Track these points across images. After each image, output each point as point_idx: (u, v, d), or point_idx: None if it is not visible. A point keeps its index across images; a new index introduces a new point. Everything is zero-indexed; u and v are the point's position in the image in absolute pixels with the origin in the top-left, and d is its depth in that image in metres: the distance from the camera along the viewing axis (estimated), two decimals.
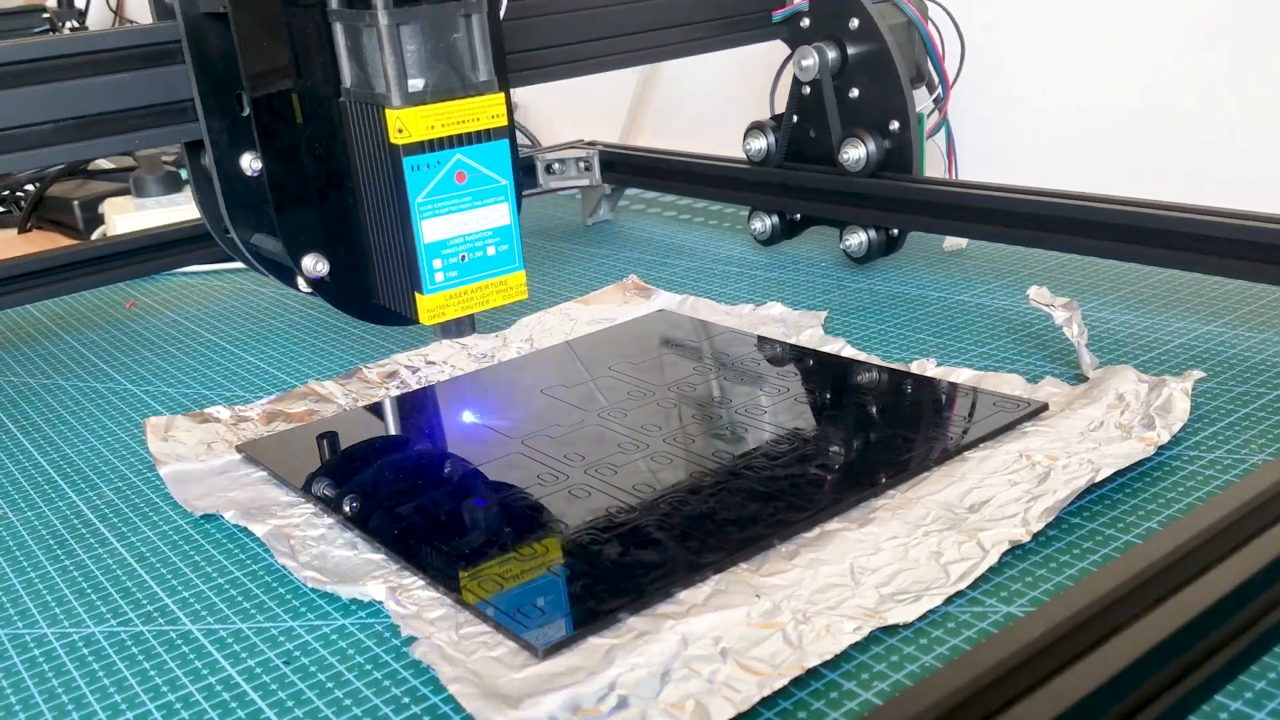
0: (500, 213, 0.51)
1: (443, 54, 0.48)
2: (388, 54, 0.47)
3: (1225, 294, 0.65)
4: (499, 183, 0.50)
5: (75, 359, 0.73)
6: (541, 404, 0.57)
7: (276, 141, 0.51)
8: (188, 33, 0.52)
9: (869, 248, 0.75)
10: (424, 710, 0.36)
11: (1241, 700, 0.33)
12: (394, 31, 0.47)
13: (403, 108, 0.47)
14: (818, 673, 0.36)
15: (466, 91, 0.49)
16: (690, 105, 1.15)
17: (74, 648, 0.41)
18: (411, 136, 0.47)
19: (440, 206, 0.49)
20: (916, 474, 0.46)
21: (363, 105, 0.49)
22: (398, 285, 0.51)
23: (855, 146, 0.73)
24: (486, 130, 0.49)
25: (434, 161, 0.48)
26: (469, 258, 0.50)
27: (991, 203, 0.68)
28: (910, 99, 0.72)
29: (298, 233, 0.52)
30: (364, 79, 0.49)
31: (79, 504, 0.53)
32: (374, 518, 0.46)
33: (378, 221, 0.51)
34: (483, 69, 0.49)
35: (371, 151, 0.49)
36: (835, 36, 0.74)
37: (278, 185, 0.52)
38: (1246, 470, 0.46)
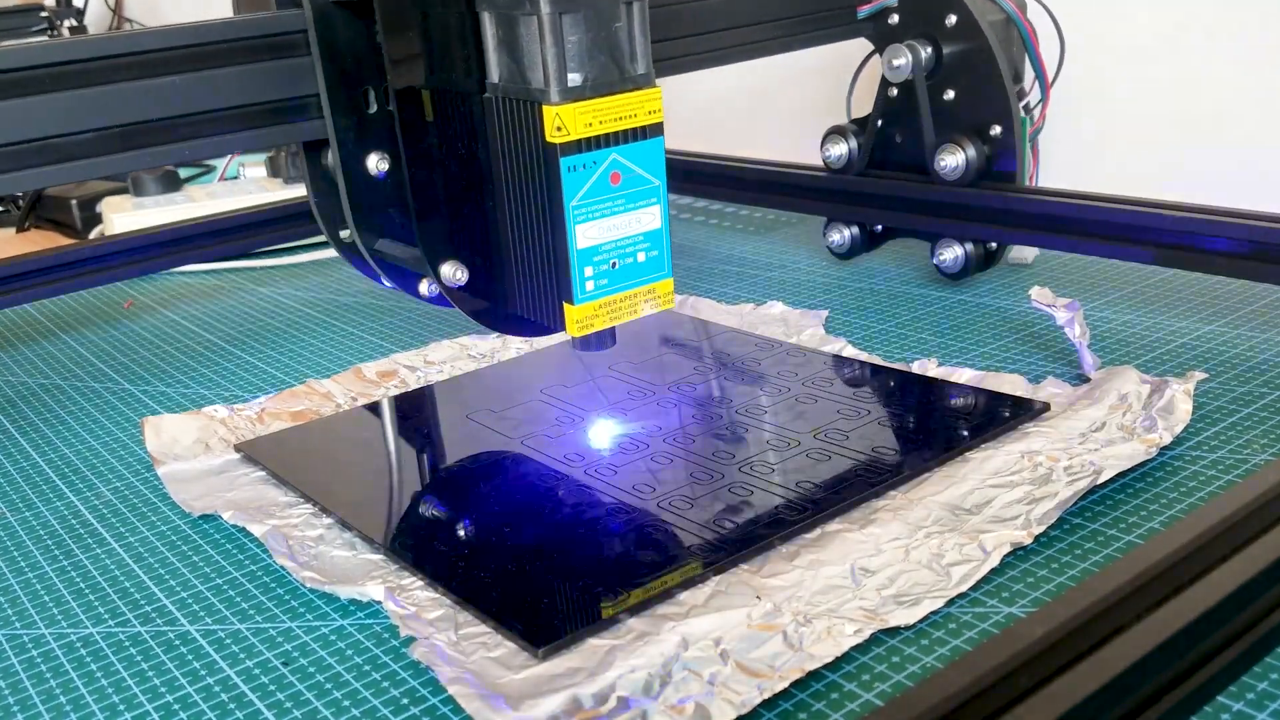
0: (653, 215, 0.47)
1: (604, 45, 0.44)
2: (549, 45, 0.43)
3: (1227, 294, 0.65)
4: (653, 184, 0.47)
5: (74, 359, 0.73)
6: (541, 404, 0.56)
7: (418, 141, 0.48)
8: (315, 22, 0.48)
9: (966, 262, 0.70)
10: (423, 711, 0.36)
11: (1244, 701, 0.33)
12: (556, 20, 0.43)
13: (562, 104, 0.43)
14: (819, 674, 0.36)
15: (625, 85, 0.45)
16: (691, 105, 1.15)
17: (72, 649, 0.41)
18: (570, 135, 0.43)
19: (594, 210, 0.45)
20: (918, 475, 0.46)
21: (513, 101, 0.45)
22: (542, 294, 0.47)
23: (952, 153, 0.67)
24: (644, 127, 0.46)
25: (590, 161, 0.44)
26: (619, 264, 0.46)
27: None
28: (1014, 100, 0.67)
29: (437, 239, 0.49)
30: (517, 72, 0.45)
31: (77, 504, 0.52)
32: (372, 518, 0.46)
33: (521, 227, 0.47)
34: (641, 61, 0.45)
35: (520, 151, 0.46)
36: (929, 33, 0.69)
37: (419, 188, 0.48)
38: (1248, 470, 0.46)
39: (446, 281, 0.49)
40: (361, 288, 0.82)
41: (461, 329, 0.70)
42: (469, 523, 0.45)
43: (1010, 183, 0.68)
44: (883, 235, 0.76)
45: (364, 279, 0.58)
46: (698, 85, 1.12)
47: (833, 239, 0.77)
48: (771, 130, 1.06)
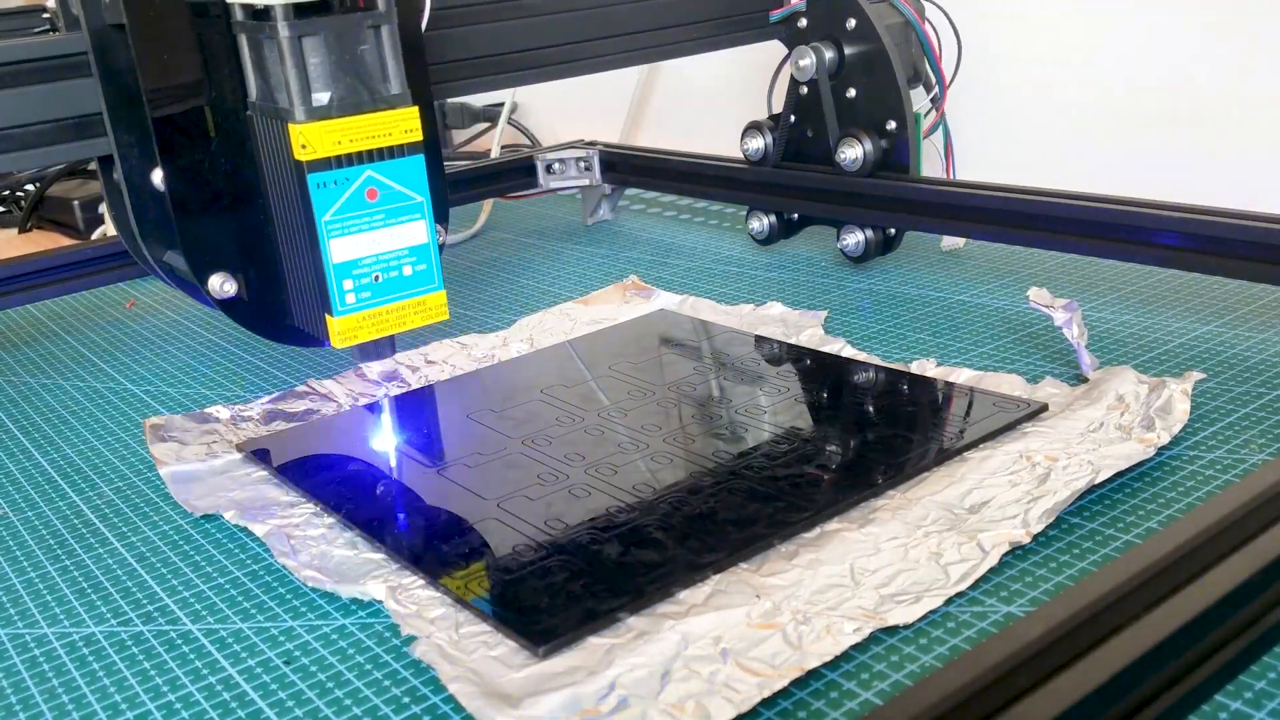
0: (417, 230, 0.49)
1: (349, 66, 0.46)
2: (289, 66, 0.45)
3: (1225, 294, 0.65)
4: (414, 200, 0.48)
5: (75, 359, 0.73)
6: (541, 404, 0.57)
7: (179, 157, 0.49)
8: (94, 45, 0.50)
9: (866, 247, 0.75)
10: (424, 710, 0.36)
11: (1241, 700, 0.33)
12: (295, 44, 0.45)
13: (306, 122, 0.45)
14: (818, 673, 0.36)
15: (376, 105, 0.47)
16: (690, 105, 1.15)
17: (74, 647, 0.41)
18: (316, 152, 0.45)
19: (350, 225, 0.47)
20: (916, 474, 0.46)
21: (268, 119, 0.47)
22: (310, 306, 0.49)
23: (852, 146, 0.73)
24: (400, 145, 0.47)
25: (341, 178, 0.46)
26: (383, 278, 0.48)
27: (988, 202, 0.68)
28: (907, 99, 0.72)
29: (203, 251, 0.50)
30: (268, 92, 0.47)
31: (79, 504, 0.53)
32: (374, 518, 0.46)
33: (288, 239, 0.49)
34: (394, 82, 0.47)
35: (278, 167, 0.48)
36: (832, 36, 0.74)
37: (180, 203, 0.50)
38: (1246, 470, 0.46)
39: (214, 293, 0.50)
40: None
41: (462, 329, 0.71)
42: (469, 521, 0.46)
43: (905, 174, 0.73)
44: (799, 223, 0.82)
45: None
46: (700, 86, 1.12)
47: (753, 226, 0.82)
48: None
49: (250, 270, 0.51)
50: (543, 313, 0.71)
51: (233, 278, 0.50)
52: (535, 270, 0.84)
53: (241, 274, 0.51)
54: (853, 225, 0.75)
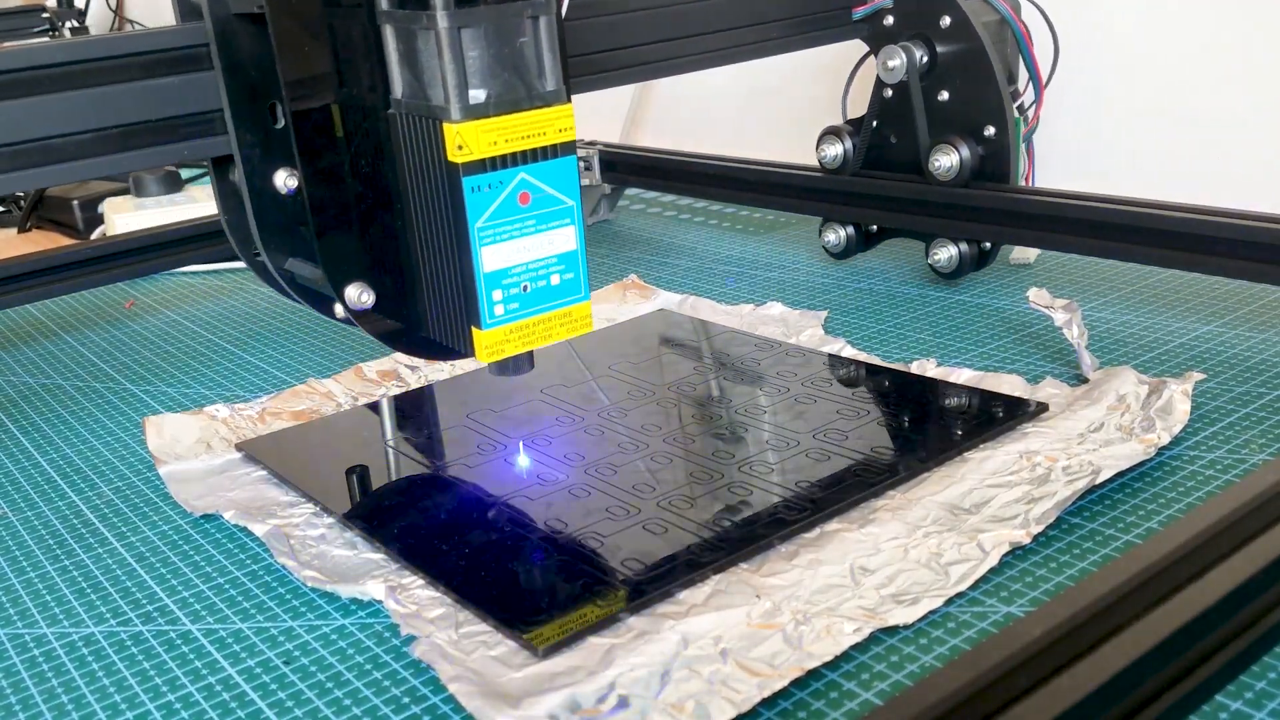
0: (566, 237, 0.45)
1: (508, 61, 0.42)
2: (447, 60, 0.41)
3: (1225, 294, 0.65)
4: (566, 204, 0.45)
5: (75, 359, 0.73)
6: (542, 404, 0.57)
7: (318, 159, 0.46)
8: (216, 36, 0.47)
9: (960, 262, 0.70)
10: (424, 710, 0.36)
11: (1242, 700, 0.33)
12: (454, 35, 0.41)
13: (463, 121, 0.41)
14: (818, 673, 0.36)
15: (533, 103, 0.43)
16: (690, 105, 1.15)
17: (74, 648, 0.41)
18: (473, 154, 0.42)
19: (502, 231, 0.43)
20: (916, 475, 0.46)
21: (416, 118, 0.43)
22: (452, 318, 0.46)
23: (947, 153, 0.68)
24: (554, 146, 0.44)
25: (496, 181, 0.42)
26: (531, 287, 0.44)
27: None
28: (1008, 102, 0.67)
29: (341, 260, 0.46)
30: (418, 89, 0.43)
31: (79, 504, 0.53)
32: (376, 520, 0.46)
33: (430, 248, 0.45)
34: (550, 77, 0.44)
35: (425, 170, 0.44)
36: (923, 35, 0.69)
37: (319, 208, 0.46)
38: (1246, 470, 0.46)
39: (351, 304, 0.47)
40: None
41: None
42: (469, 521, 0.46)
43: (1004, 183, 0.68)
44: (878, 235, 0.77)
45: None
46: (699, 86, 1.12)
47: (828, 239, 0.77)
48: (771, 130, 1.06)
49: (386, 280, 0.47)
50: None
51: (369, 288, 0.47)
52: None
53: (377, 284, 0.47)
54: (945, 239, 0.70)
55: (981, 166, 0.68)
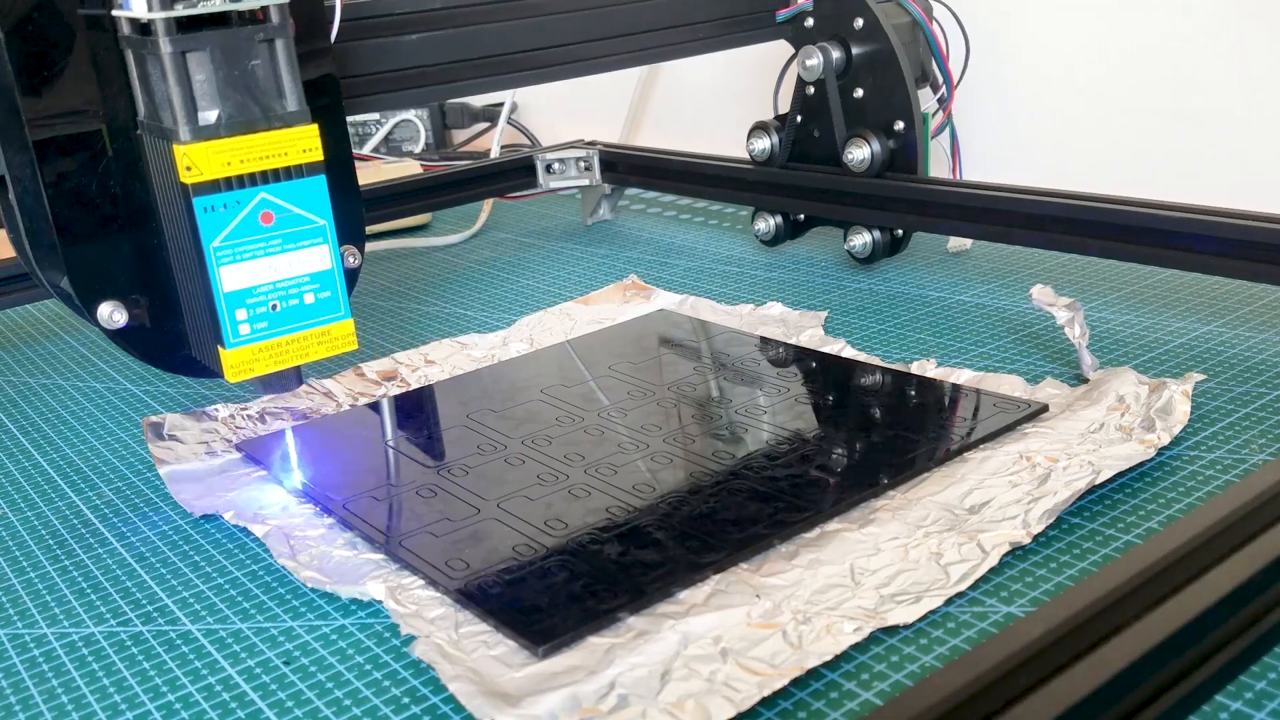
0: (319, 256, 0.45)
1: (239, 83, 0.43)
2: (172, 84, 0.42)
3: (1225, 294, 0.65)
4: (316, 223, 0.45)
5: (75, 359, 0.73)
6: (541, 404, 0.57)
7: (64, 180, 0.46)
8: None
9: (874, 248, 0.75)
10: (424, 710, 0.36)
11: (1242, 700, 0.33)
12: (179, 59, 0.42)
13: (192, 142, 0.42)
14: (818, 673, 0.36)
15: (270, 123, 0.44)
16: (690, 105, 1.15)
17: (74, 648, 0.41)
18: (203, 174, 0.42)
19: (242, 251, 0.43)
20: (917, 475, 0.46)
21: (155, 139, 0.45)
22: (204, 336, 0.47)
23: (860, 146, 0.73)
24: (297, 166, 0.44)
25: (232, 201, 0.43)
26: (281, 306, 0.45)
27: (997, 203, 0.67)
28: (915, 99, 0.72)
29: (92, 279, 0.47)
30: (154, 110, 0.45)
31: (79, 504, 0.53)
32: (373, 518, 0.46)
33: (181, 266, 0.46)
34: (291, 98, 0.45)
35: (168, 189, 0.45)
36: (839, 36, 0.74)
37: (64, 227, 0.47)
38: (1247, 470, 0.46)
39: (102, 323, 0.47)
40: (361, 288, 0.82)
41: (462, 329, 0.71)
42: (469, 521, 0.46)
43: (913, 174, 0.72)
44: (805, 224, 0.81)
45: (365, 278, 0.59)
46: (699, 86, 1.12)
47: (759, 227, 0.82)
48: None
49: (145, 298, 0.48)
50: (543, 313, 0.71)
51: (124, 307, 0.47)
52: (535, 270, 0.84)
53: (135, 302, 0.48)
54: (860, 226, 0.75)
55: (892, 159, 0.73)
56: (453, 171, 0.90)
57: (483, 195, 0.94)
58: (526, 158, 0.94)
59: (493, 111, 1.24)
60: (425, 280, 0.83)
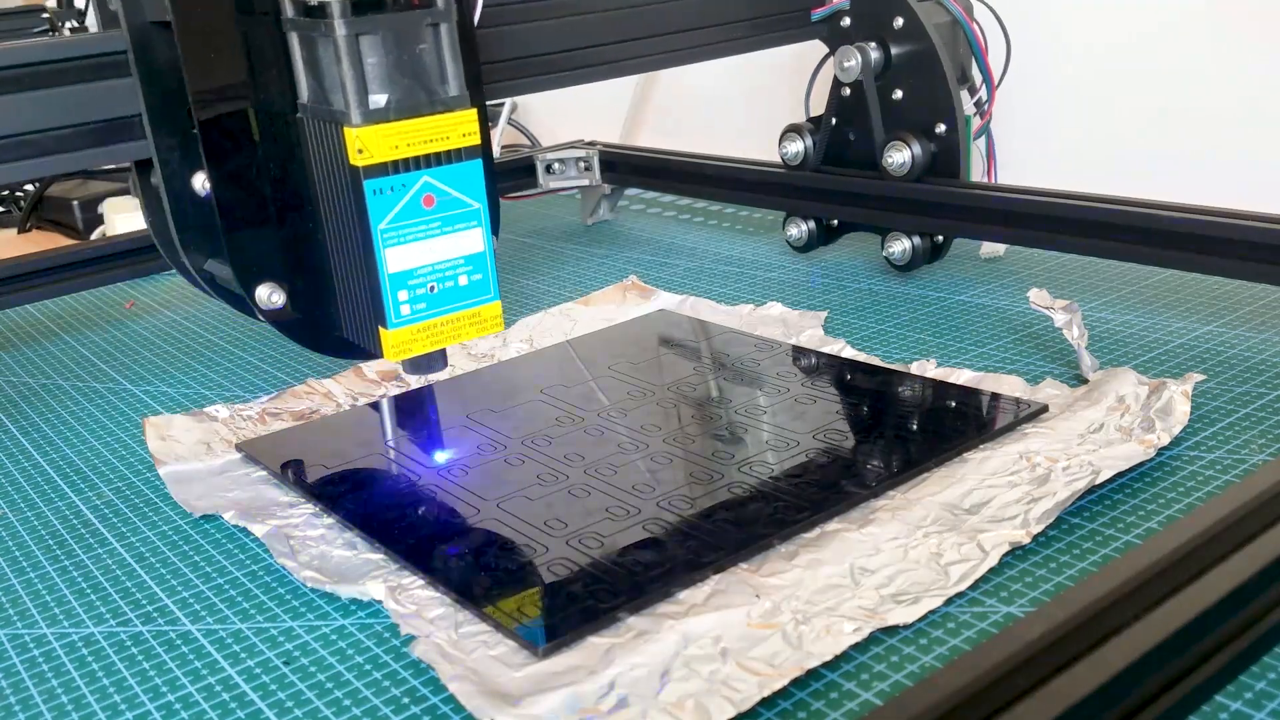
0: (474, 239, 0.46)
1: (407, 67, 0.44)
2: (346, 67, 0.43)
3: (1225, 294, 0.65)
4: (472, 206, 0.46)
5: (75, 359, 0.73)
6: (541, 404, 0.57)
7: (226, 162, 0.47)
8: (134, 43, 0.48)
9: (913, 254, 0.73)
10: (423, 710, 0.36)
11: (1241, 701, 0.33)
12: (353, 42, 0.43)
13: (363, 126, 0.43)
14: (818, 673, 0.36)
15: (434, 108, 0.45)
16: (690, 105, 1.15)
17: (73, 648, 0.41)
18: (373, 157, 0.43)
19: (406, 233, 0.45)
20: (916, 475, 0.46)
21: (321, 123, 0.45)
22: (362, 318, 0.48)
23: (899, 150, 0.71)
24: (457, 150, 0.45)
25: (399, 184, 0.44)
26: (439, 288, 0.46)
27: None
28: (958, 100, 0.70)
29: (251, 261, 0.48)
30: (321, 94, 0.45)
31: (78, 504, 0.53)
32: (374, 518, 0.46)
33: (340, 248, 0.47)
34: (453, 83, 0.45)
35: (331, 173, 0.46)
36: (878, 36, 0.72)
37: (228, 210, 0.48)
38: (1246, 470, 0.46)
39: (260, 304, 0.48)
40: None
41: None
42: (469, 521, 0.46)
43: (955, 178, 0.70)
44: (839, 229, 0.79)
45: None
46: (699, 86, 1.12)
47: (790, 233, 0.80)
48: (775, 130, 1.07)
49: (299, 280, 0.49)
50: (543, 313, 0.71)
51: (280, 288, 0.49)
52: (535, 270, 0.84)
53: (289, 284, 0.49)
54: (899, 232, 0.73)
55: (933, 163, 0.71)
56: None
57: None
58: (526, 158, 0.94)
59: (493, 112, 1.24)
60: None
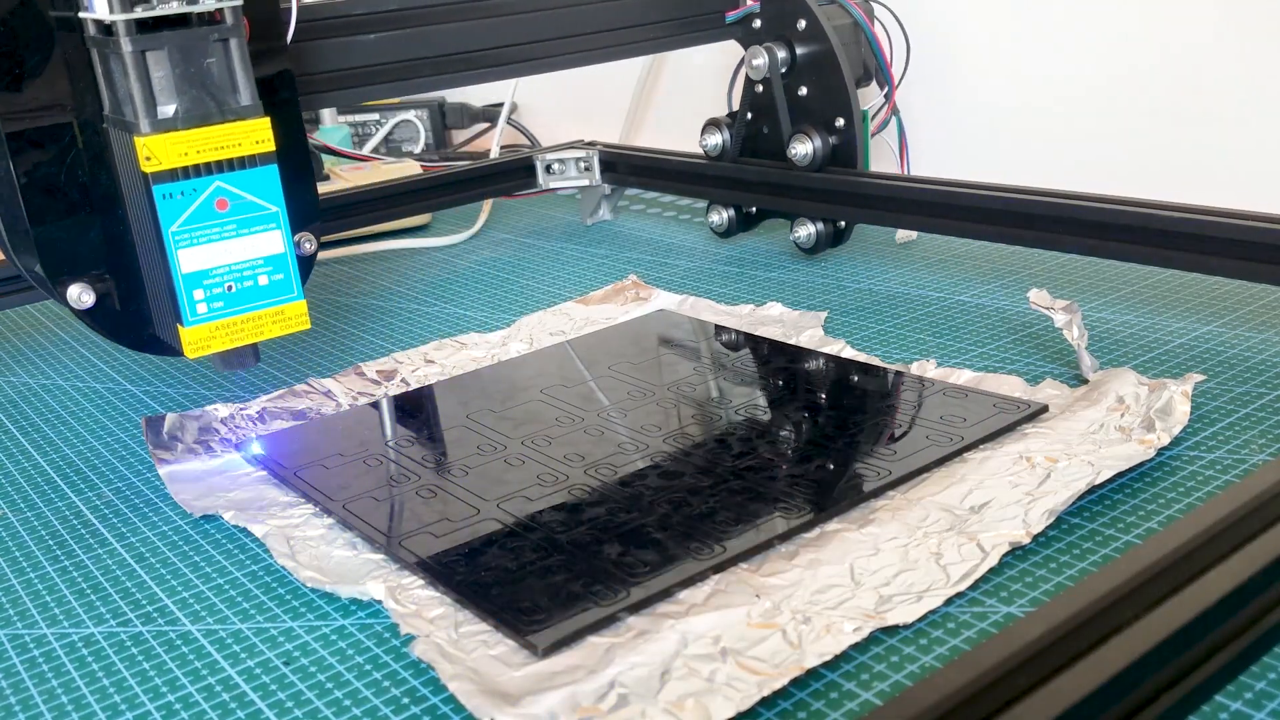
0: (272, 240, 0.49)
1: (195, 79, 0.47)
2: (133, 80, 0.46)
3: (1225, 294, 0.65)
4: (269, 210, 0.49)
5: (75, 359, 0.73)
6: (541, 404, 0.57)
7: (34, 170, 0.50)
8: None
9: (817, 239, 0.78)
10: (423, 710, 0.36)
11: (1242, 700, 0.33)
12: (139, 58, 0.46)
13: (151, 134, 0.46)
14: (818, 673, 0.36)
15: (225, 117, 0.48)
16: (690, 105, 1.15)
17: (73, 648, 0.41)
18: (162, 164, 0.46)
19: (199, 235, 0.47)
20: (916, 475, 0.46)
21: (119, 131, 0.48)
22: (165, 315, 0.50)
23: (803, 142, 0.75)
24: (251, 156, 0.48)
25: (189, 189, 0.47)
26: (236, 287, 0.49)
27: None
28: (854, 97, 0.75)
29: (61, 262, 0.51)
30: (117, 105, 0.48)
31: (78, 504, 0.53)
32: (373, 518, 0.46)
33: (144, 250, 0.50)
34: (244, 93, 0.49)
35: (130, 179, 0.49)
36: (784, 37, 0.77)
37: (34, 213, 0.50)
38: (1247, 470, 0.46)
39: (71, 303, 0.51)
40: (362, 288, 0.82)
41: (461, 328, 0.71)
42: (469, 521, 0.46)
43: (853, 168, 0.76)
44: (756, 217, 0.85)
45: (365, 278, 0.59)
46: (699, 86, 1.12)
47: (713, 220, 0.85)
48: None
49: (112, 280, 0.52)
50: (543, 313, 0.71)
51: (91, 288, 0.51)
52: (535, 270, 0.84)
53: (103, 284, 0.51)
54: (804, 218, 0.78)
55: (834, 154, 0.76)
56: (453, 172, 0.90)
57: (483, 195, 0.94)
58: (526, 158, 0.94)
59: (492, 112, 1.24)
60: (425, 280, 0.84)
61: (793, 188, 0.78)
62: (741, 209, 0.84)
